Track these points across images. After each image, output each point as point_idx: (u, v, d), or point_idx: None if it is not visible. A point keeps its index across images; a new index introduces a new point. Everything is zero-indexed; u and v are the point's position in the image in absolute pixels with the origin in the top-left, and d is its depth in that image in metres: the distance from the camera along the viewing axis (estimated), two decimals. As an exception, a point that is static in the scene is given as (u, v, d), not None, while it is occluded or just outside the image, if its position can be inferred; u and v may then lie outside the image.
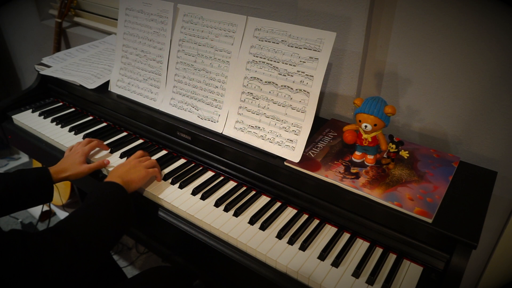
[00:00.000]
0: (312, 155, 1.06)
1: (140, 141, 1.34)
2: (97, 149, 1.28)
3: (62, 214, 2.28)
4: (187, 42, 1.22)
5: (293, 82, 1.04)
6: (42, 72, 1.54)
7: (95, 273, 1.24)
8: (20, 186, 1.03)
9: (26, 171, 1.07)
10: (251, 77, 1.11)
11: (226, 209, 1.04)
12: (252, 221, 1.00)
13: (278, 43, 1.06)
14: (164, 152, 1.28)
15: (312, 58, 1.01)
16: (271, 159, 1.07)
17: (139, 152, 1.18)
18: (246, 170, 1.11)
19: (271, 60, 1.07)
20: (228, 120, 1.16)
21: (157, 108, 1.30)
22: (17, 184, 1.03)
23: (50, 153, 1.33)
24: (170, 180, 1.14)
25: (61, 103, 1.56)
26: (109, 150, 1.27)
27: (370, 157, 1.03)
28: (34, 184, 1.05)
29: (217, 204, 1.05)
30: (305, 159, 1.04)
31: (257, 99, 1.10)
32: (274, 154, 1.07)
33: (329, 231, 0.99)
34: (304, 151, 1.04)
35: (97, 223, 0.89)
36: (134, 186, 1.05)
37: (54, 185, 1.10)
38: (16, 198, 1.02)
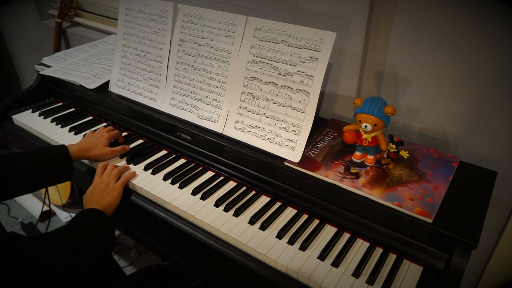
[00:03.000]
0: (312, 155, 1.06)
1: (140, 141, 1.34)
2: None
3: (62, 214, 2.28)
4: (187, 42, 1.22)
5: (293, 82, 1.04)
6: (42, 72, 1.54)
7: (94, 271, 1.24)
8: (41, 165, 1.06)
9: (46, 150, 1.10)
10: (251, 77, 1.11)
11: (226, 209, 1.04)
12: (252, 221, 1.00)
13: (278, 43, 1.06)
14: (164, 152, 1.28)
15: (312, 58, 1.01)
16: (271, 159, 1.07)
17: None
18: (246, 170, 1.11)
19: (271, 60, 1.07)
20: (228, 120, 1.16)
21: (157, 108, 1.30)
22: (38, 163, 1.05)
23: (50, 153, 1.33)
24: (170, 180, 1.14)
25: (61, 103, 1.56)
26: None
27: (370, 157, 1.03)
28: (55, 163, 1.08)
29: (217, 204, 1.05)
30: (305, 159, 1.04)
31: (257, 99, 1.10)
32: (274, 154, 1.07)
33: (329, 231, 0.99)
34: (304, 151, 1.04)
35: (80, 239, 0.92)
36: (113, 208, 1.06)
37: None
38: (38, 177, 1.06)
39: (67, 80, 1.47)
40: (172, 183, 1.13)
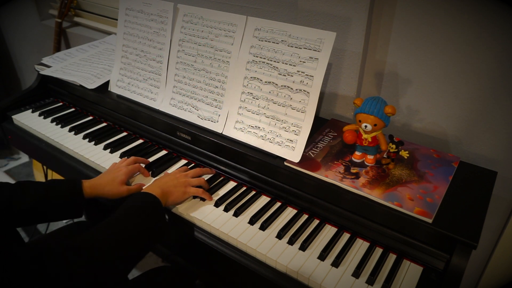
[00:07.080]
0: (312, 155, 1.06)
1: (140, 141, 1.34)
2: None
3: (62, 214, 2.27)
4: (187, 42, 1.22)
5: (293, 82, 1.04)
6: (42, 72, 1.54)
7: None
8: (49, 198, 0.96)
9: (58, 182, 1.00)
10: (251, 77, 1.11)
11: (226, 209, 1.04)
12: (252, 221, 1.00)
13: (278, 43, 1.06)
14: (164, 152, 1.28)
15: (312, 58, 1.01)
16: (271, 159, 1.06)
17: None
18: (246, 170, 1.11)
19: (271, 60, 1.07)
20: (228, 120, 1.16)
21: (157, 108, 1.30)
22: (47, 195, 0.96)
23: (50, 153, 1.33)
24: (170, 180, 1.14)
25: (61, 103, 1.56)
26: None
27: (370, 157, 1.03)
28: (63, 198, 0.98)
29: (217, 204, 1.05)
30: (305, 159, 1.04)
31: (257, 99, 1.10)
32: (274, 154, 1.07)
33: (329, 231, 0.99)
34: (304, 151, 1.04)
35: (121, 242, 0.83)
36: (171, 201, 1.01)
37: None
38: (44, 210, 0.96)
39: (67, 80, 1.46)
40: (172, 183, 1.13)
